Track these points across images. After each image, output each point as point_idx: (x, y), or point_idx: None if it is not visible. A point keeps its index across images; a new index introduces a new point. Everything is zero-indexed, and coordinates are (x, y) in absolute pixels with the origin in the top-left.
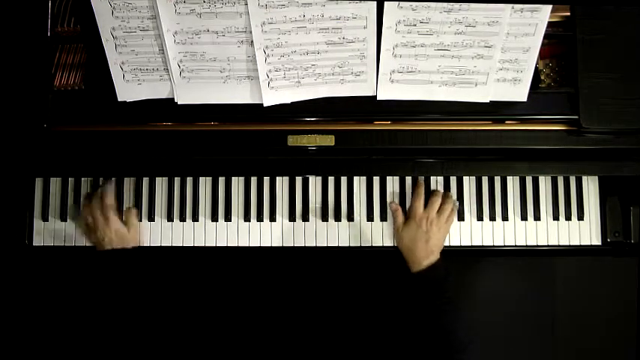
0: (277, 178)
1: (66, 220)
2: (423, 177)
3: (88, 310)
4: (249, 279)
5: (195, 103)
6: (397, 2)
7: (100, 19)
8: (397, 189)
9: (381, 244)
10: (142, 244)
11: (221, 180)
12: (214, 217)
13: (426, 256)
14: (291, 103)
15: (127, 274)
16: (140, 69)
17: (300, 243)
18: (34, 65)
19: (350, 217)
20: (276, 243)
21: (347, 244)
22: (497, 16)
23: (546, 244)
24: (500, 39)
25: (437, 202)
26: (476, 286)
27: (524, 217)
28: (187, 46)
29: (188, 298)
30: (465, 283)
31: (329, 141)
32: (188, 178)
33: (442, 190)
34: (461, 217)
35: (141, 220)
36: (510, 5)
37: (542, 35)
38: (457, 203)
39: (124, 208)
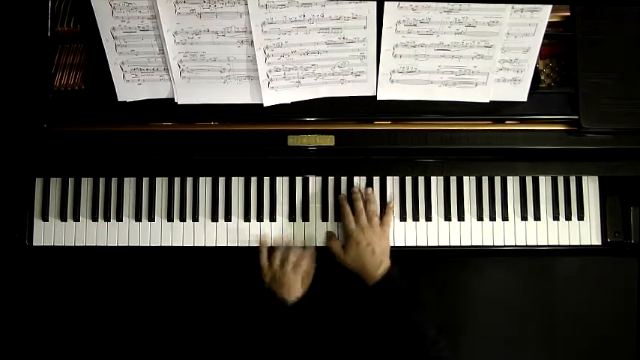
0: (277, 178)
1: (66, 220)
2: (344, 195)
3: (88, 310)
4: (249, 279)
5: (196, 103)
6: (397, 2)
7: (100, 19)
8: (397, 189)
9: None
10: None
11: (221, 180)
12: (214, 217)
13: (377, 267)
14: (291, 103)
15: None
16: (140, 69)
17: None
18: (34, 65)
19: None
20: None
21: None
22: (497, 16)
23: (546, 244)
24: (500, 39)
25: (360, 207)
26: (476, 286)
27: (524, 217)
28: (187, 46)
29: (188, 298)
30: (465, 283)
31: (329, 141)
32: (188, 178)
33: (362, 191)
34: (461, 217)
35: (141, 221)
36: (510, 5)
37: (542, 35)
38: (385, 203)
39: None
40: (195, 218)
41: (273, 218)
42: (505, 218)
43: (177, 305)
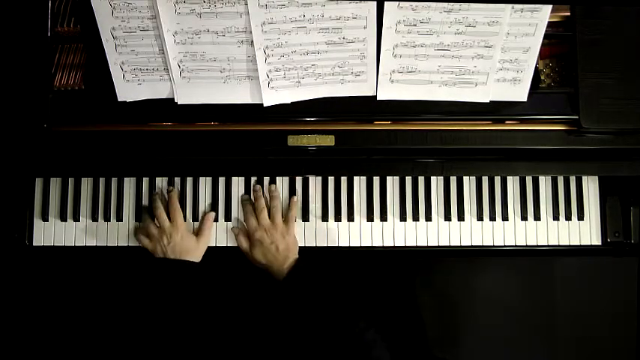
0: (277, 178)
1: (66, 220)
2: (248, 196)
3: (88, 310)
4: (248, 279)
5: (196, 103)
6: (397, 2)
7: (100, 19)
8: (397, 189)
9: (381, 245)
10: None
11: (221, 180)
12: (214, 217)
13: (282, 263)
14: (291, 103)
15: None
16: (140, 69)
17: (299, 243)
18: (34, 65)
19: (350, 217)
20: None
21: (347, 245)
22: (497, 16)
23: (546, 244)
24: (500, 39)
25: (261, 206)
26: (476, 286)
27: (524, 217)
28: (187, 46)
29: (188, 298)
30: (465, 283)
31: (329, 141)
32: (188, 178)
33: (264, 189)
34: (461, 217)
35: (141, 221)
36: (510, 5)
37: (542, 35)
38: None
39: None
40: (195, 218)
41: None
42: (505, 218)
43: (177, 306)
